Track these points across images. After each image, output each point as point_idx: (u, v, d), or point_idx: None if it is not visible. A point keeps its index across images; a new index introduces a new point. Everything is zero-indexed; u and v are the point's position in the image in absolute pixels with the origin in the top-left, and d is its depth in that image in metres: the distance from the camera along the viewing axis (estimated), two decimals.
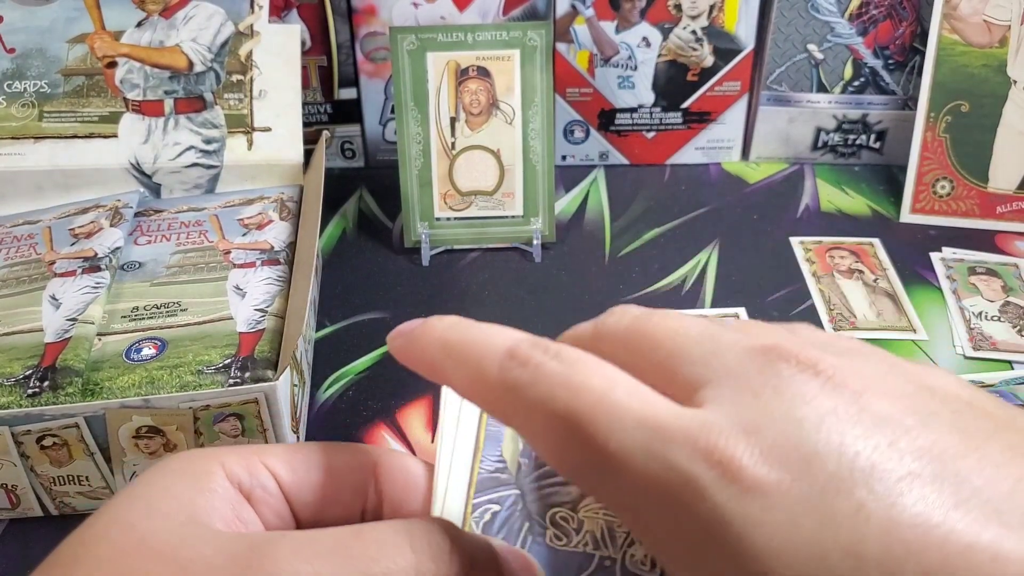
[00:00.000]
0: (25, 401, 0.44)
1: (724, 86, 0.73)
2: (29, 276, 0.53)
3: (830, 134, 0.74)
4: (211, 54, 0.62)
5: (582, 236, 0.68)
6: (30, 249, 0.55)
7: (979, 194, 0.67)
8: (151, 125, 0.62)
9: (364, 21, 0.70)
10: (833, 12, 0.70)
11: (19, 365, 0.46)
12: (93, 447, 0.44)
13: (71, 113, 0.62)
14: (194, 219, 0.58)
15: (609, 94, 0.73)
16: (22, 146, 0.61)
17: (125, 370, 0.46)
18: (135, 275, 0.53)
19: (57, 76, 0.62)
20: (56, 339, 0.48)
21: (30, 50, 0.62)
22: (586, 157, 0.76)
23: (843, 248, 0.66)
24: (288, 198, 0.60)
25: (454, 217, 0.65)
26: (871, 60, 0.71)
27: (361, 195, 0.72)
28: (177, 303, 0.51)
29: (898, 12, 0.70)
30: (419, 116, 0.63)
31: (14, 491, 0.46)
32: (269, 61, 0.63)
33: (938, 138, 0.67)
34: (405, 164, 0.64)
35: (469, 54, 0.63)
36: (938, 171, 0.67)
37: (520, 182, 0.65)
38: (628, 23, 0.71)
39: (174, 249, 0.55)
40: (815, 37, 0.71)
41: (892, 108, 0.73)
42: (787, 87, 0.73)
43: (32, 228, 0.57)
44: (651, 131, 0.75)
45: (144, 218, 0.59)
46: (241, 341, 0.48)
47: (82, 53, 0.62)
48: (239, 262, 0.54)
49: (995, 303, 0.60)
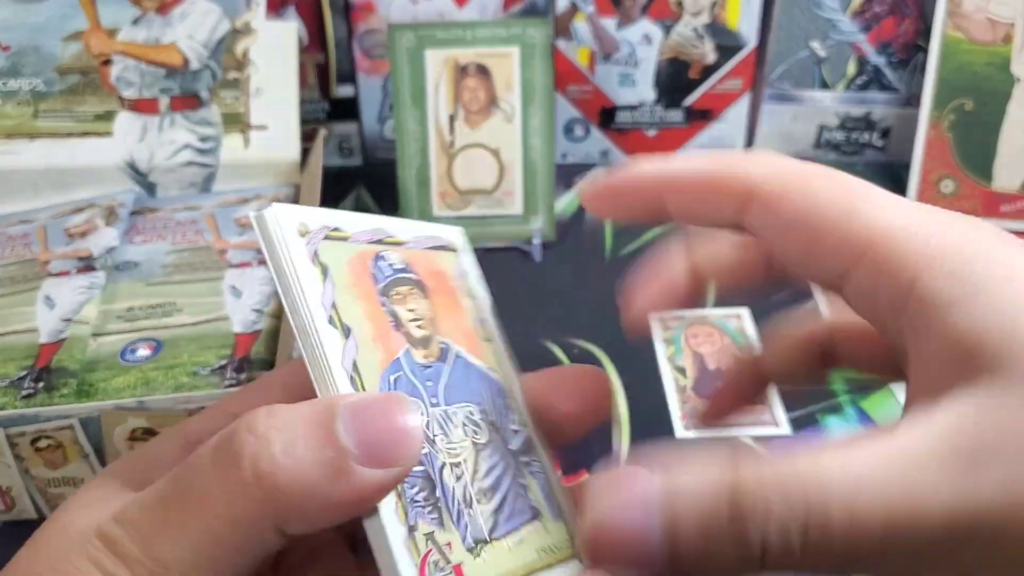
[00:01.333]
0: (20, 402, 0.43)
1: (726, 83, 0.72)
2: (23, 276, 0.52)
3: (833, 132, 0.74)
4: (207, 51, 0.62)
5: (582, 235, 0.68)
6: (25, 249, 0.55)
7: (983, 193, 0.67)
8: (146, 123, 0.61)
9: (362, 18, 0.69)
10: (836, 9, 0.69)
11: (14, 366, 0.45)
12: (88, 449, 0.44)
13: (66, 111, 0.61)
14: (190, 218, 0.58)
15: (610, 91, 0.73)
16: (17, 144, 0.60)
17: (120, 371, 0.46)
18: (130, 275, 0.53)
19: (52, 74, 0.61)
20: (51, 340, 0.47)
21: (25, 48, 0.61)
22: (586, 155, 0.76)
23: None
24: (285, 197, 0.60)
25: (453, 216, 0.65)
26: (874, 57, 0.71)
27: (359, 194, 0.72)
28: (173, 303, 0.50)
29: (901, 9, 0.69)
30: (417, 114, 0.63)
31: (8, 493, 0.45)
32: (266, 58, 0.62)
33: (942, 136, 0.66)
34: (403, 162, 0.64)
35: (468, 51, 0.62)
36: (942, 169, 0.67)
37: (520, 181, 0.64)
38: (629, 19, 0.70)
39: (170, 249, 0.55)
40: (818, 34, 0.70)
41: (895, 106, 0.73)
42: (790, 85, 0.72)
43: (26, 227, 0.57)
44: (652, 129, 0.74)
45: (139, 217, 0.58)
46: (237, 342, 0.48)
47: (77, 51, 0.61)
48: (235, 262, 0.54)
49: None
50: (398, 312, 0.29)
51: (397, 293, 0.29)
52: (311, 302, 0.26)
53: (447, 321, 0.30)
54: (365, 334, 0.27)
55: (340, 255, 0.28)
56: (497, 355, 0.31)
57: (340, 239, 0.28)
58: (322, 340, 0.26)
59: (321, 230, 0.28)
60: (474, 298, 0.32)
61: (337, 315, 0.27)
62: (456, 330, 0.30)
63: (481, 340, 0.31)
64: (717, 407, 0.33)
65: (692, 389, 0.53)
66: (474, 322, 0.31)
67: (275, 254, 0.26)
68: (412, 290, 0.29)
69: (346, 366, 0.26)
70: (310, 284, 0.26)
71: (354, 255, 0.28)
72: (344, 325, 0.27)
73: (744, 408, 0.33)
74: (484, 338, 0.31)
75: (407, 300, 0.29)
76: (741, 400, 0.33)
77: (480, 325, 0.31)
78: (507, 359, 0.32)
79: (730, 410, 0.33)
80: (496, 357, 0.31)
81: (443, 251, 0.32)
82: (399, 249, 0.30)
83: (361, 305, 0.28)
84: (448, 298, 0.31)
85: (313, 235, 0.27)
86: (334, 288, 0.27)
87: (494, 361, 0.31)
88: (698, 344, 0.57)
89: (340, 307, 0.27)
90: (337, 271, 0.27)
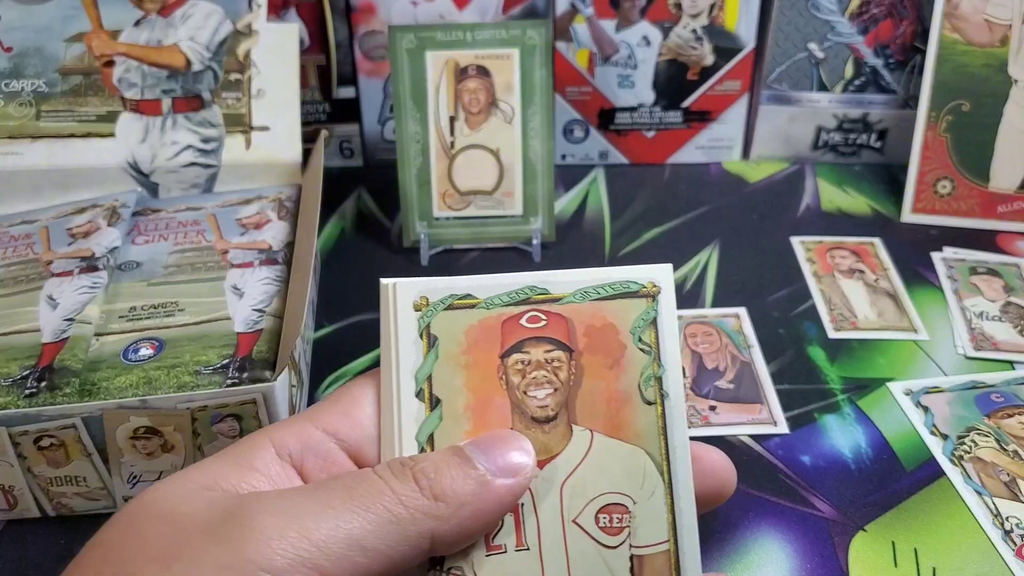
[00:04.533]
0: (22, 402, 0.44)
1: (724, 85, 0.73)
2: (26, 276, 0.52)
3: (831, 133, 0.74)
4: (209, 53, 0.62)
5: (582, 236, 0.68)
6: (27, 249, 0.55)
7: (980, 194, 0.67)
8: (149, 124, 0.62)
9: (363, 20, 0.70)
10: (834, 11, 0.70)
11: (16, 365, 0.46)
12: (91, 448, 0.44)
13: (68, 112, 0.61)
14: (192, 219, 0.58)
15: (609, 93, 0.73)
16: (19, 145, 0.61)
17: (123, 370, 0.46)
18: (132, 275, 0.53)
19: (54, 75, 0.61)
20: (53, 339, 0.47)
21: (27, 49, 0.61)
22: (586, 156, 0.76)
23: (844, 248, 0.66)
24: (286, 198, 0.60)
25: (453, 216, 0.65)
26: (872, 59, 0.71)
27: (360, 194, 0.72)
28: (175, 303, 0.51)
29: (899, 11, 0.70)
30: (418, 115, 0.63)
31: (11, 492, 0.45)
32: (267, 60, 0.63)
33: (939, 137, 0.67)
34: (404, 163, 0.64)
35: (468, 53, 0.62)
36: (939, 170, 0.67)
37: (519, 181, 0.64)
38: (628, 22, 0.70)
39: (172, 249, 0.55)
40: (816, 36, 0.71)
41: (893, 107, 0.73)
42: (788, 86, 0.73)
43: (29, 228, 0.57)
44: (651, 130, 0.75)
45: (141, 218, 0.58)
46: (239, 341, 0.48)
47: (80, 52, 0.62)
48: (237, 262, 0.54)
49: (996, 303, 0.60)
50: (514, 381, 0.29)
51: (518, 363, 0.29)
52: (402, 373, 0.28)
53: (593, 386, 0.29)
54: (457, 405, 0.28)
55: (459, 323, 0.29)
56: (656, 419, 0.30)
57: (467, 307, 0.29)
58: (400, 410, 0.28)
59: (444, 300, 0.29)
60: (651, 350, 0.30)
61: (428, 387, 0.28)
62: (600, 399, 0.29)
63: (639, 404, 0.29)
64: None
65: (691, 388, 0.54)
66: (643, 381, 0.30)
67: (384, 328, 0.28)
68: (550, 352, 0.29)
69: (419, 438, 0.28)
70: (407, 357, 0.28)
71: (482, 320, 0.29)
72: (433, 397, 0.28)
73: None
74: (647, 400, 0.29)
75: (532, 369, 0.29)
76: None
77: (648, 384, 0.30)
78: (677, 418, 0.30)
79: None
80: (654, 422, 0.29)
81: (627, 299, 0.30)
82: (552, 307, 0.29)
83: (467, 375, 0.28)
84: (607, 357, 0.29)
85: (432, 307, 0.28)
86: (436, 360, 0.28)
87: (642, 427, 0.29)
88: (696, 344, 0.57)
89: (437, 379, 0.28)
90: (449, 342, 0.28)
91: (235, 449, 0.28)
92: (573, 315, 0.29)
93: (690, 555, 0.29)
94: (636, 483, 0.29)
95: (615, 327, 0.30)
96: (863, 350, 0.57)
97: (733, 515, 0.46)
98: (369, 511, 0.25)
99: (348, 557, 0.24)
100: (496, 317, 0.29)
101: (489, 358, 0.29)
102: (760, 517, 0.46)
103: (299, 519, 0.24)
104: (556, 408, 0.29)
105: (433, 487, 0.26)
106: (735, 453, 0.49)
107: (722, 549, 0.45)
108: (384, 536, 0.25)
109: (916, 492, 0.47)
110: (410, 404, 0.28)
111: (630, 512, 0.29)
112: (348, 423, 0.29)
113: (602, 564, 0.29)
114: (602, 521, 0.29)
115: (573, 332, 0.29)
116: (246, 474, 0.27)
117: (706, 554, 0.31)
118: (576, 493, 0.29)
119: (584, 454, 0.29)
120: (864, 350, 0.57)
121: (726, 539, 0.45)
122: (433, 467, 0.26)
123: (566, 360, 0.29)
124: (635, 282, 0.30)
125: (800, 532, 0.45)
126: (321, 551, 0.24)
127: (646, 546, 0.29)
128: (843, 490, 0.48)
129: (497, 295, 0.29)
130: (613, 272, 0.30)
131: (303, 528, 0.24)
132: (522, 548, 0.28)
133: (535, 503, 0.29)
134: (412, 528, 0.25)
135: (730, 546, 0.45)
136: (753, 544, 0.45)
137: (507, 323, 0.29)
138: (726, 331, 0.58)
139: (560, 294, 0.29)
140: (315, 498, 0.25)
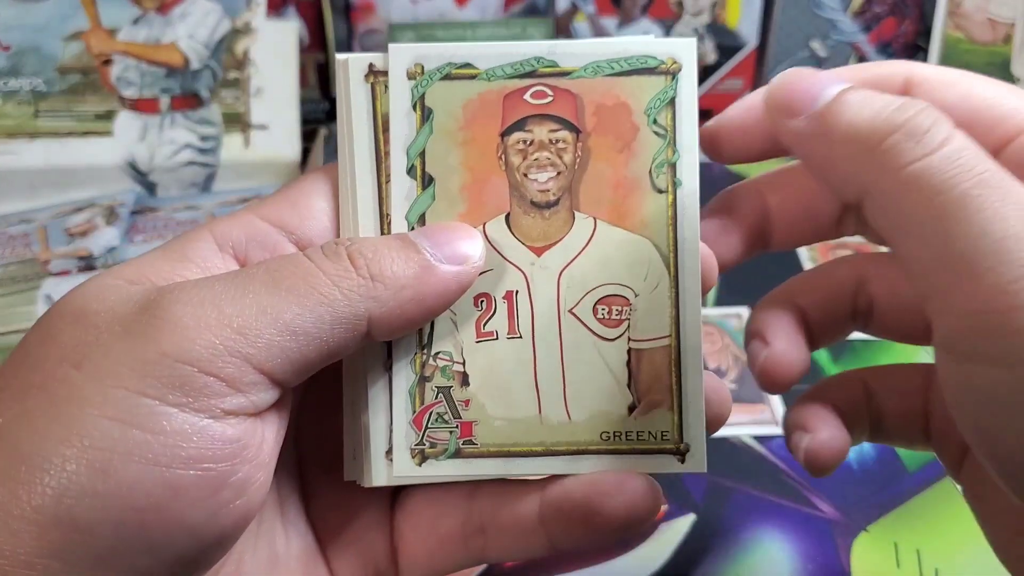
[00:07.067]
0: None
1: (726, 83, 0.72)
2: (24, 275, 0.52)
3: None
4: (208, 51, 0.62)
5: None
6: (25, 248, 0.55)
7: None
8: (147, 123, 0.61)
9: (362, 18, 0.70)
10: (836, 9, 0.69)
11: None
12: None
13: (67, 111, 0.61)
14: (190, 218, 0.58)
15: None
16: (17, 144, 0.60)
17: None
18: None
19: (53, 74, 0.61)
20: None
21: (25, 47, 0.61)
22: None
23: (847, 247, 0.65)
24: None
25: None
26: (875, 57, 0.71)
27: None
28: None
29: (902, 9, 0.69)
30: None
31: None
32: (266, 58, 0.62)
33: None
34: None
35: None
36: None
37: None
38: (630, 19, 0.70)
39: None
40: (818, 34, 0.70)
41: None
42: None
43: (27, 227, 0.57)
44: None
45: (140, 217, 0.58)
46: None
47: (78, 50, 0.61)
48: None
49: None
50: (513, 162, 0.27)
51: (520, 142, 0.27)
52: (359, 154, 0.26)
53: (600, 168, 0.27)
54: (452, 185, 0.26)
55: (457, 96, 0.26)
56: (666, 208, 0.27)
57: (466, 78, 0.26)
58: (356, 184, 0.26)
59: (441, 68, 0.26)
60: (666, 133, 0.27)
61: (421, 164, 0.26)
62: (607, 185, 0.27)
63: (649, 191, 0.27)
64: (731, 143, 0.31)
65: None
66: (655, 167, 0.27)
67: (340, 100, 0.25)
68: (555, 131, 0.27)
69: (410, 217, 0.26)
70: (399, 130, 0.26)
71: (482, 93, 0.26)
72: (426, 175, 0.26)
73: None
74: (658, 188, 0.27)
75: (534, 149, 0.27)
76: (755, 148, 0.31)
77: (661, 170, 0.27)
78: (690, 208, 0.28)
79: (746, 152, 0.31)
80: (664, 212, 0.27)
81: (644, 76, 0.27)
82: (560, 81, 0.27)
83: (463, 152, 0.26)
84: (618, 140, 0.27)
85: (427, 76, 0.26)
86: (431, 135, 0.26)
87: (650, 216, 0.27)
88: None
89: (431, 155, 0.26)
90: (445, 116, 0.26)
91: (172, 243, 0.26)
92: (583, 91, 0.27)
93: (691, 352, 0.28)
94: (639, 275, 0.27)
95: (628, 106, 0.27)
96: (866, 350, 0.57)
97: (735, 515, 0.46)
98: (297, 292, 0.23)
99: (277, 343, 0.23)
100: (498, 91, 0.26)
101: (488, 136, 0.26)
102: (762, 518, 0.46)
103: (218, 306, 0.22)
104: (558, 192, 0.27)
105: (371, 267, 0.24)
106: (737, 454, 0.49)
107: (724, 549, 0.44)
108: (316, 319, 0.23)
109: (919, 493, 0.47)
110: (401, 181, 0.26)
111: (631, 304, 0.27)
112: (298, 214, 0.26)
113: (598, 356, 0.27)
114: (600, 312, 0.27)
115: (581, 110, 0.27)
116: (177, 266, 0.25)
117: (707, 554, 0.31)
118: (575, 283, 0.27)
119: (586, 242, 0.27)
120: (867, 350, 0.57)
121: (728, 539, 0.45)
122: (372, 248, 0.24)
123: (572, 141, 0.27)
124: (654, 57, 0.27)
125: (802, 533, 0.45)
126: (245, 338, 0.22)
127: (646, 340, 0.27)
128: (845, 491, 0.47)
129: (500, 65, 0.26)
130: (630, 44, 0.27)
131: (223, 315, 0.22)
132: (514, 336, 0.27)
133: (530, 292, 0.27)
134: (347, 309, 0.23)
135: (732, 546, 0.45)
136: (755, 545, 0.45)
137: (509, 98, 0.26)
138: (728, 331, 0.58)
139: (570, 67, 0.27)
140: (236, 283, 0.23)
